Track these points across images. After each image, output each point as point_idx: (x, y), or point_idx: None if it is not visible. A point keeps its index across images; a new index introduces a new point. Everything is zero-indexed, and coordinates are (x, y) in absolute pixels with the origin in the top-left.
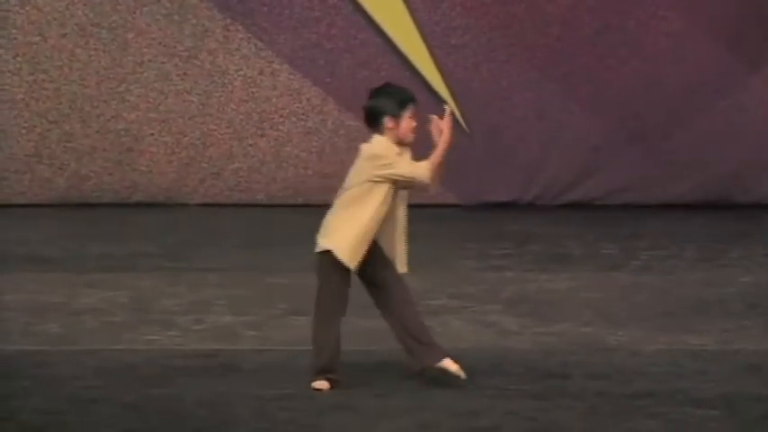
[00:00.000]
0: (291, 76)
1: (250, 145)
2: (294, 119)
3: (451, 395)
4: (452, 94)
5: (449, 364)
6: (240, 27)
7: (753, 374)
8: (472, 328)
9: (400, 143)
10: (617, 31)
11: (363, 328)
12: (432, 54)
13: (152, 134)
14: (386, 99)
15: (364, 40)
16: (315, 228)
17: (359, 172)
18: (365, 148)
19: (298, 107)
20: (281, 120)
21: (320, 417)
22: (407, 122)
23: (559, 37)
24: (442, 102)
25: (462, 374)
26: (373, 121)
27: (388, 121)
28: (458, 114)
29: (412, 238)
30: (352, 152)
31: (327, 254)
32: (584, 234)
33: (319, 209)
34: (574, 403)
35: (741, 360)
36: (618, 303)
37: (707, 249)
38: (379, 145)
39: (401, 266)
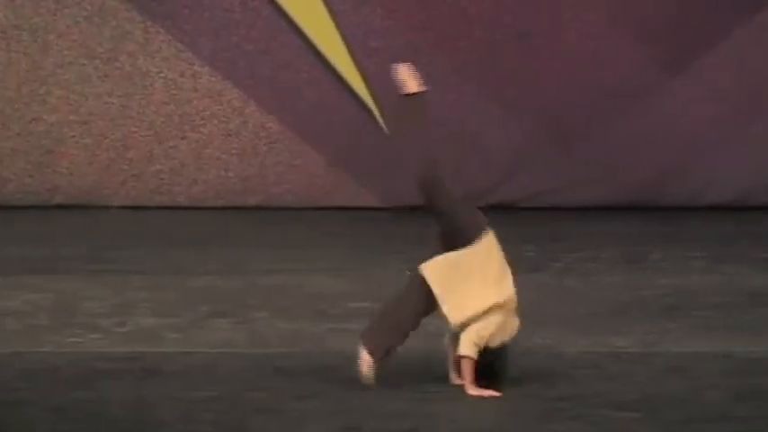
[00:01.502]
0: (212, 79)
1: (171, 147)
2: (216, 121)
3: (374, 397)
4: (373, 96)
5: None
6: (161, 29)
7: (674, 376)
8: None
9: None
10: (538, 33)
11: (285, 331)
12: (352, 56)
13: (73, 136)
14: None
15: (285, 43)
16: (236, 229)
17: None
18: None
19: (218, 109)
20: (202, 122)
21: (244, 419)
22: None
23: (481, 39)
24: (363, 104)
25: None
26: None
27: None
28: (378, 116)
29: (335, 239)
30: (273, 154)
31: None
32: (505, 236)
33: (240, 211)
34: (494, 405)
35: (662, 362)
36: (539, 306)
37: (627, 252)
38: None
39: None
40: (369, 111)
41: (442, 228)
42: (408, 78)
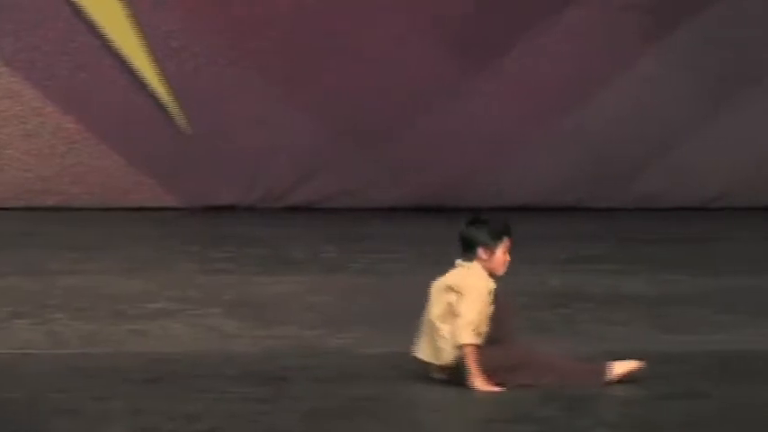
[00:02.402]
0: (12, 79)
1: None
2: (15, 121)
3: (171, 399)
4: (174, 96)
5: None
6: None
7: None
8: (193, 331)
9: (491, 274)
10: (339, 33)
11: (84, 331)
12: (152, 57)
13: None
14: (481, 229)
15: (84, 43)
16: (35, 230)
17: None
18: (459, 274)
19: (18, 110)
20: (1, 123)
21: (42, 421)
22: (501, 255)
23: (281, 40)
24: (162, 105)
25: None
26: (467, 250)
27: (481, 252)
28: (178, 117)
29: (134, 240)
30: (72, 155)
31: None
32: (306, 237)
33: (39, 211)
34: (295, 406)
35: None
36: (339, 306)
37: (429, 252)
38: (471, 276)
39: None
40: (168, 111)
41: None
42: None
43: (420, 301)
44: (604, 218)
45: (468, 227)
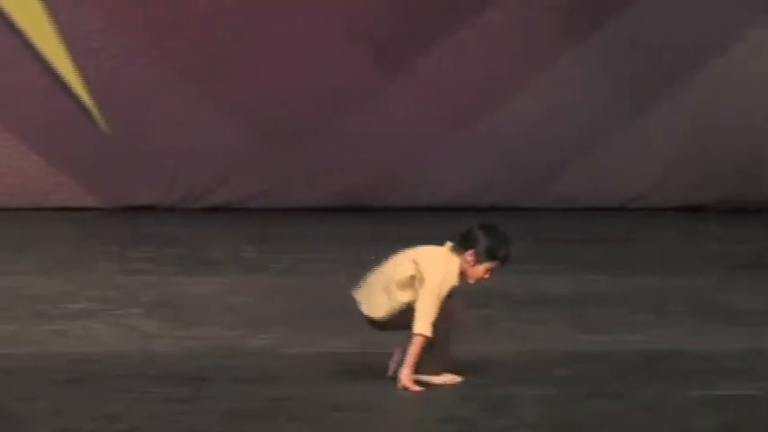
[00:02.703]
0: None
1: None
2: None
3: (92, 399)
4: (93, 96)
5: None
6: None
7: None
8: (114, 331)
9: (461, 274)
10: (257, 34)
11: (5, 332)
12: (72, 57)
13: None
14: (486, 239)
15: (3, 43)
16: None
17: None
18: (430, 254)
19: None
20: None
21: None
22: (481, 270)
23: (200, 40)
24: (82, 105)
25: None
26: (462, 243)
27: (469, 255)
28: (98, 117)
29: (54, 240)
30: None
31: None
32: (226, 237)
33: None
34: (215, 406)
35: (383, 362)
36: (259, 306)
37: (347, 252)
38: (438, 262)
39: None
40: (88, 111)
41: None
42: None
43: (340, 301)
44: (524, 218)
45: (480, 227)
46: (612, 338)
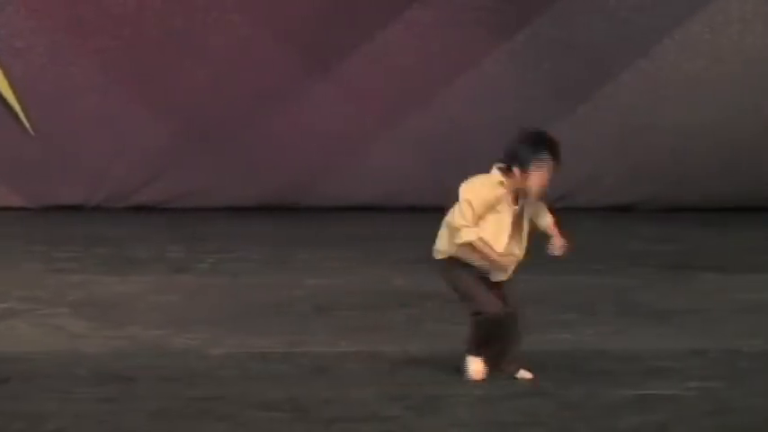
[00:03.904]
0: None
1: None
2: None
3: (19, 399)
4: (18, 96)
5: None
6: None
7: (320, 376)
8: (40, 331)
9: (525, 194)
10: (184, 34)
11: None
12: None
13: None
14: (521, 146)
15: None
16: None
17: None
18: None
19: None
20: None
21: None
22: (536, 179)
23: (127, 40)
24: (7, 105)
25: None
26: (504, 160)
27: (516, 171)
28: (23, 117)
29: None
30: None
31: None
32: (152, 237)
33: None
34: (143, 406)
35: (309, 362)
36: (185, 306)
37: (274, 252)
38: (480, 181)
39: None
40: (13, 111)
41: None
42: None
43: (266, 301)
44: None
45: (515, 139)
46: (540, 338)
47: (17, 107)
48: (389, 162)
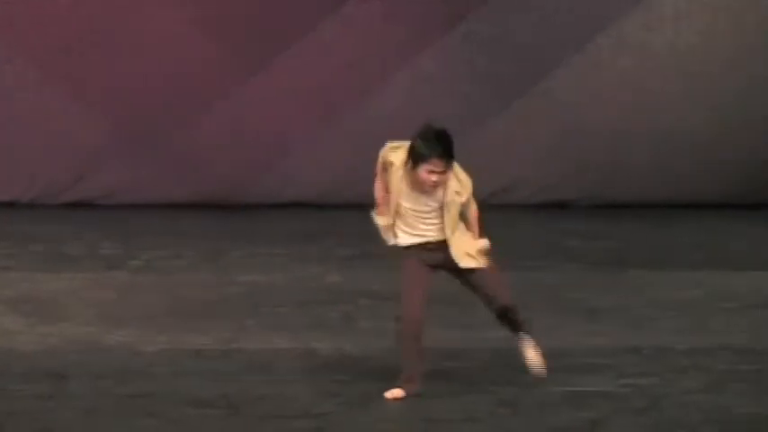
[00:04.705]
0: None
1: None
2: None
3: None
4: None
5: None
6: None
7: (255, 373)
8: None
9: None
10: (120, 30)
11: None
12: None
13: None
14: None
15: None
16: None
17: None
18: None
19: None
20: None
21: None
22: (422, 175)
23: (61, 36)
24: None
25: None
26: None
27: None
28: None
29: None
30: None
31: None
32: (84, 233)
33: None
34: (75, 403)
35: (243, 359)
36: (118, 303)
37: (209, 249)
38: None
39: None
40: None
41: None
42: None
43: (199, 297)
44: None
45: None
46: (473, 335)
47: None
48: (323, 159)
